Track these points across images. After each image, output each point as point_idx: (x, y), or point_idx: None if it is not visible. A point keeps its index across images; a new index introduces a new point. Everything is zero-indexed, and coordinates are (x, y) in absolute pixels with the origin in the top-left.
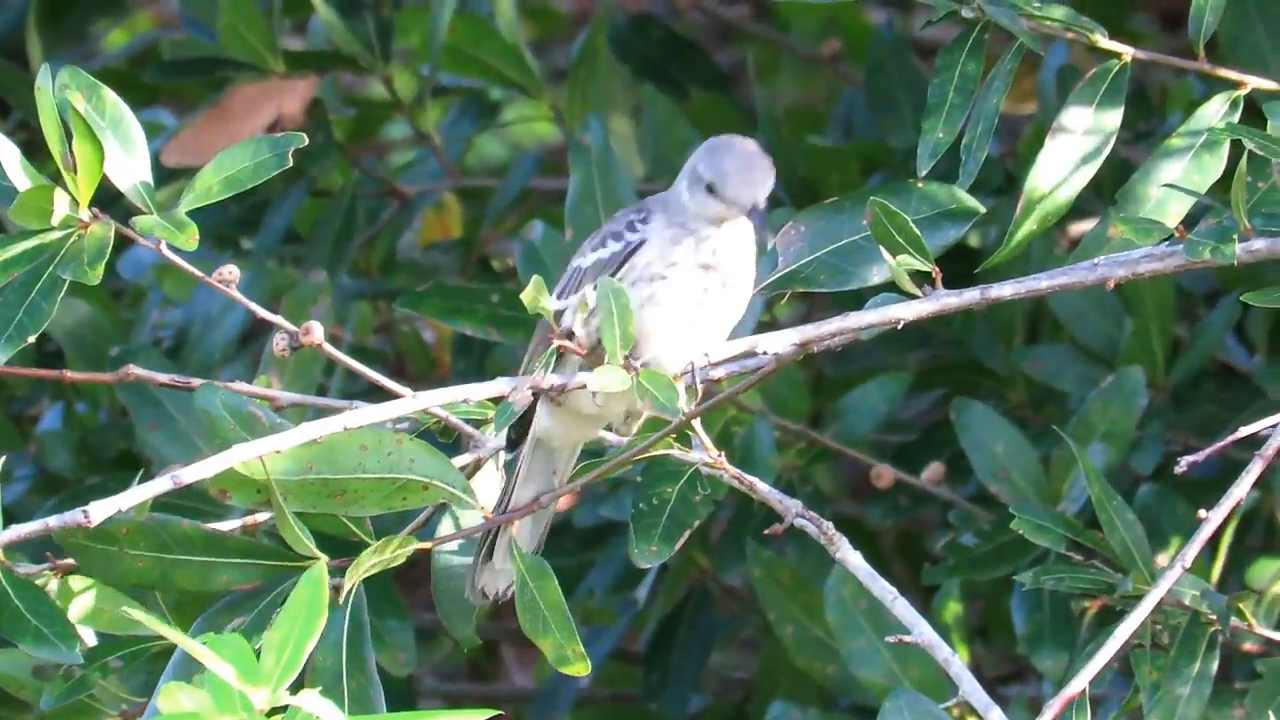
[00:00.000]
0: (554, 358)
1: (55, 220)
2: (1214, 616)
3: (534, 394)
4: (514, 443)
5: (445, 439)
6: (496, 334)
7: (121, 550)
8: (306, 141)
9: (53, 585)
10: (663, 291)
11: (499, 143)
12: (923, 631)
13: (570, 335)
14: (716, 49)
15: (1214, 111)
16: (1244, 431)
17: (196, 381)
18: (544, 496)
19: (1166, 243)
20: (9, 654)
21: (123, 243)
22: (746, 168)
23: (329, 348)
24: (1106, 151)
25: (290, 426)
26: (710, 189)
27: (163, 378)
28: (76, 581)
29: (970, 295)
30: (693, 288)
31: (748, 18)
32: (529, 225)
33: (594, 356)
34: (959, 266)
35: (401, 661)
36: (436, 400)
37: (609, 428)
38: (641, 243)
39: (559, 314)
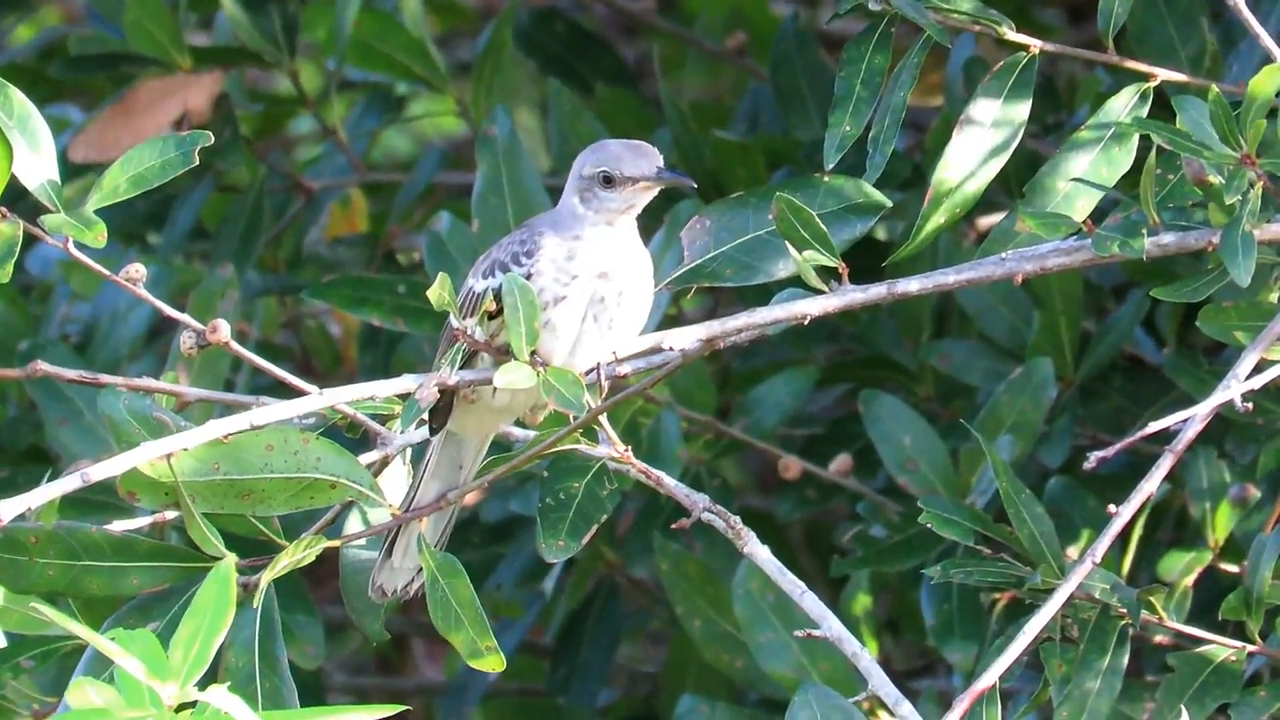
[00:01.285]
0: (460, 354)
1: None
2: (1124, 610)
3: (440, 391)
4: (435, 429)
5: (352, 434)
6: (404, 324)
7: (30, 559)
8: (213, 140)
9: None
10: (558, 316)
11: (405, 137)
12: (831, 626)
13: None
14: (622, 43)
15: (1123, 104)
16: (1154, 427)
17: (105, 378)
18: (450, 494)
19: (1075, 237)
20: None
21: (30, 239)
22: (632, 146)
23: (236, 345)
24: (1015, 144)
25: (195, 427)
26: (607, 180)
27: (71, 374)
28: None
29: (877, 291)
30: (587, 302)
31: (653, 11)
32: (435, 217)
33: (500, 353)
34: (866, 260)
35: (310, 654)
36: (343, 398)
37: (518, 421)
38: (529, 276)
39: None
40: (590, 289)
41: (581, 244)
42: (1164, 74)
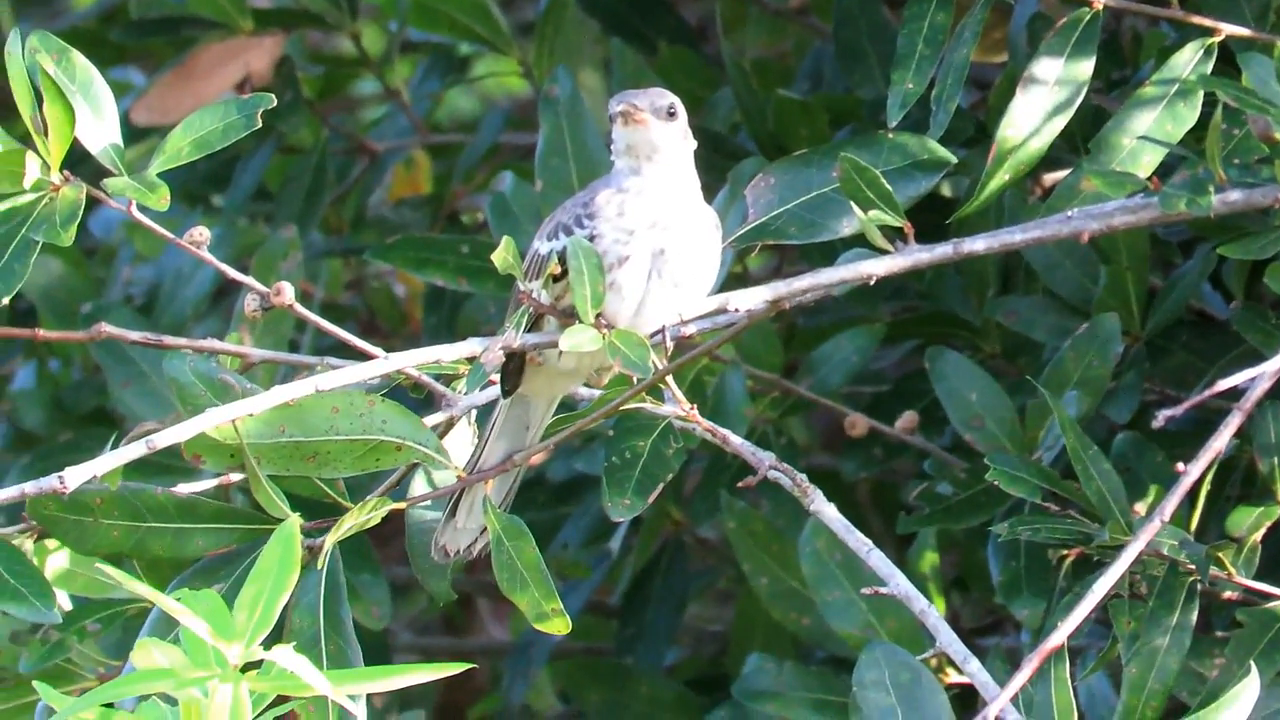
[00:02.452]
0: (525, 317)
1: (27, 183)
2: (1193, 566)
3: (508, 355)
4: (508, 392)
5: (417, 395)
6: (467, 285)
7: (96, 520)
8: (275, 103)
9: (28, 545)
10: (623, 277)
11: (468, 98)
12: (899, 583)
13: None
14: (684, 2)
15: (1187, 60)
16: (1222, 385)
17: (169, 339)
18: (516, 455)
19: (1140, 195)
20: None
21: (93, 201)
22: (632, 90)
23: (300, 308)
24: (1079, 101)
25: (261, 389)
26: (610, 120)
27: (135, 336)
28: (52, 543)
29: (943, 250)
30: (650, 258)
31: None
32: (498, 178)
33: (566, 315)
34: (931, 216)
35: (376, 615)
36: (409, 361)
37: (585, 382)
38: (592, 238)
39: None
40: (649, 243)
41: (628, 196)
42: (1228, 29)
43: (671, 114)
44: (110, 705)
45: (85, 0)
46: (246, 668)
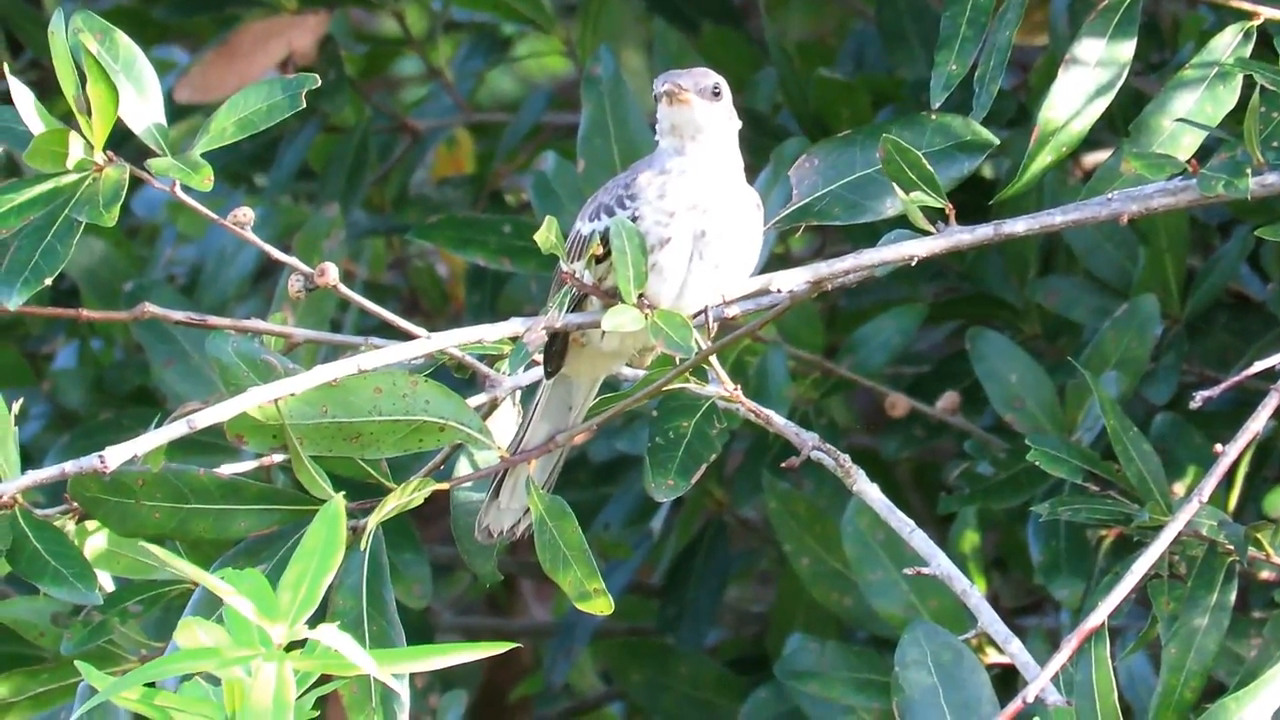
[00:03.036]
0: (568, 297)
1: (70, 163)
2: (1231, 547)
3: (551, 335)
4: (551, 373)
5: (460, 375)
6: (510, 264)
7: (138, 501)
8: (319, 83)
9: (70, 527)
10: (665, 258)
11: (510, 78)
12: (940, 563)
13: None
14: None
15: (1226, 43)
16: (1260, 366)
17: (212, 319)
18: (560, 435)
19: (1180, 177)
20: (27, 601)
21: (136, 181)
22: (677, 69)
23: (344, 288)
24: (1120, 83)
25: (303, 369)
26: (655, 100)
27: (178, 315)
28: (93, 524)
29: (984, 231)
30: (692, 240)
31: None
32: (541, 156)
33: (609, 295)
34: (972, 198)
35: (417, 594)
36: (452, 341)
37: (628, 363)
38: (634, 218)
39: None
40: (690, 225)
41: (669, 178)
42: (1268, 12)
43: (716, 94)
44: (152, 685)
45: None
46: (290, 647)
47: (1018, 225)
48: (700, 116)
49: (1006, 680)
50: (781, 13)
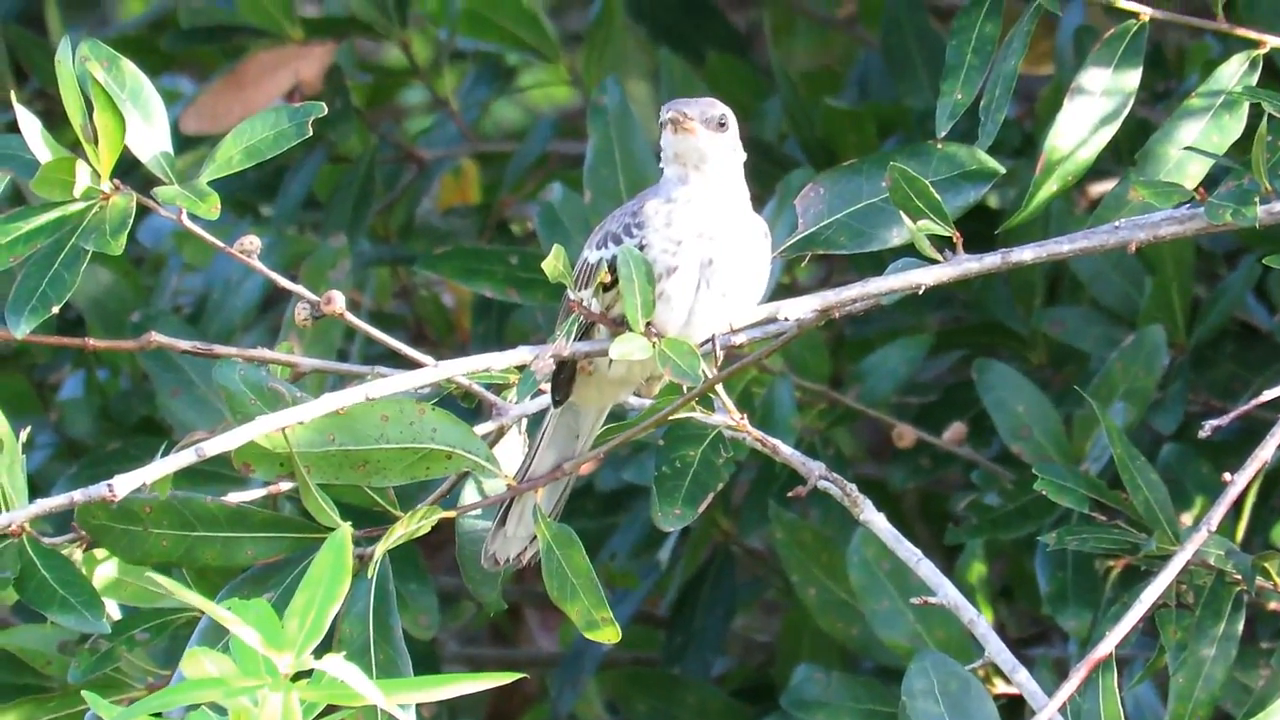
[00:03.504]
0: (575, 326)
1: (77, 192)
2: (1239, 576)
3: (559, 363)
4: (559, 402)
5: (467, 404)
6: (516, 295)
7: (145, 529)
8: (326, 111)
9: (77, 555)
10: (672, 287)
11: (515, 107)
12: (948, 593)
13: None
14: (732, 11)
15: (1232, 71)
16: (1268, 395)
17: (219, 348)
18: (566, 464)
19: (1187, 205)
20: (34, 629)
21: (143, 210)
22: (683, 99)
23: (350, 316)
24: (1125, 112)
25: (311, 398)
26: (661, 128)
27: (185, 345)
28: (101, 552)
29: (991, 260)
30: (699, 268)
31: None
32: (547, 187)
33: (616, 324)
34: (978, 226)
35: (423, 624)
36: (459, 370)
37: (635, 392)
38: (642, 247)
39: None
40: (697, 253)
41: (676, 206)
42: (1274, 41)
43: (722, 125)
44: (159, 715)
45: (134, 8)
46: (297, 677)
47: (1026, 253)
48: (705, 145)
49: (1014, 710)
50: (787, 41)
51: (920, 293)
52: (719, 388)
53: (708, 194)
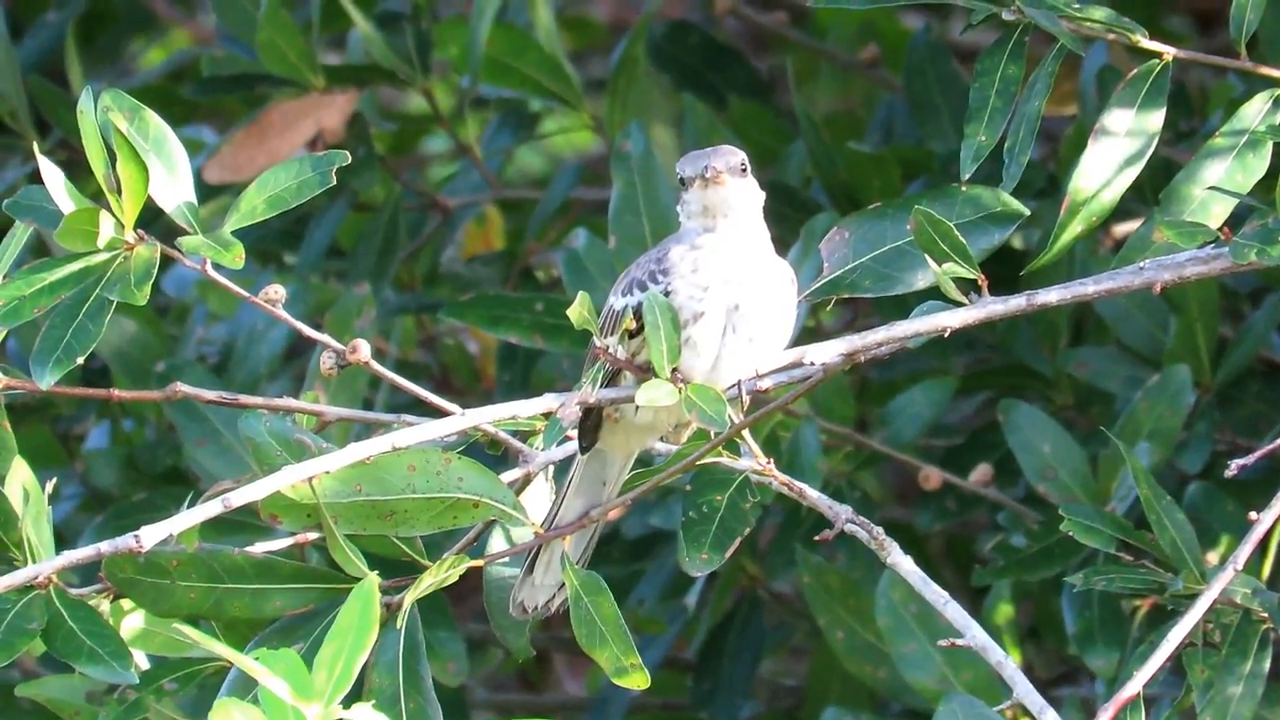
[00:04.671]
0: (601, 372)
1: (101, 242)
2: (1265, 615)
3: (585, 410)
4: (586, 448)
5: (493, 452)
6: (542, 342)
7: (173, 582)
8: (349, 159)
9: (105, 606)
10: (698, 333)
11: (538, 155)
12: (975, 635)
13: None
14: (754, 56)
15: (1256, 110)
16: None
17: (245, 398)
18: (594, 511)
19: (1212, 245)
20: (62, 680)
21: (167, 260)
22: (705, 150)
23: (376, 365)
24: (1150, 152)
25: (336, 448)
26: (682, 184)
27: (210, 395)
28: (128, 602)
29: (1016, 302)
30: (725, 313)
31: (785, 24)
32: (572, 234)
33: (642, 370)
34: (1002, 269)
35: (452, 672)
36: (486, 418)
37: (661, 438)
38: (668, 293)
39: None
40: (723, 299)
41: (702, 254)
42: None
43: (744, 170)
44: None
45: (155, 58)
46: None
47: (1051, 295)
48: (733, 195)
49: None
50: (810, 86)
51: (945, 335)
52: (745, 433)
53: (733, 240)
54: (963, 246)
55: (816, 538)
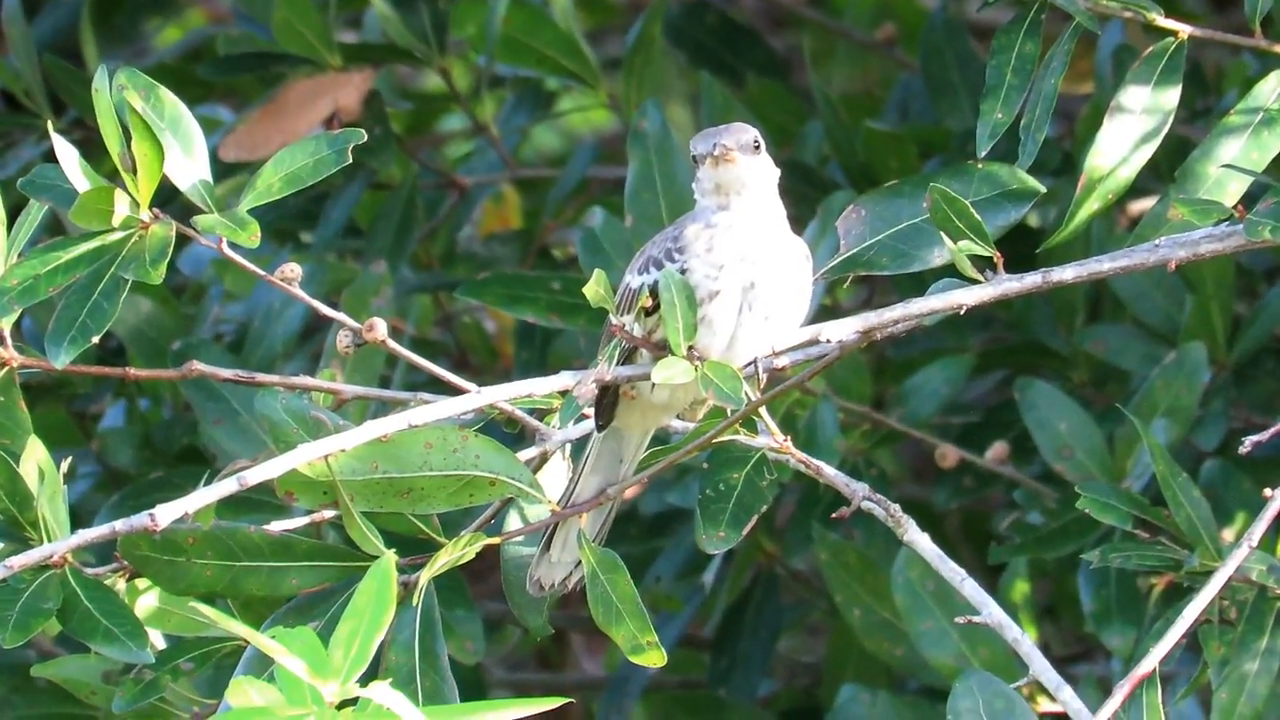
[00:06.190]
0: (618, 350)
1: (116, 221)
2: None
3: (601, 388)
4: (602, 426)
5: (510, 430)
6: (559, 321)
7: (189, 560)
8: (366, 138)
9: (120, 585)
10: (714, 311)
11: (554, 134)
12: (992, 612)
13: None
14: (771, 35)
15: (1271, 89)
16: None
17: (261, 376)
18: (610, 489)
19: (1227, 223)
20: (78, 659)
21: (183, 239)
22: (717, 128)
23: (393, 344)
24: (1165, 130)
25: (353, 425)
26: (695, 161)
27: (227, 373)
28: (144, 581)
29: (1032, 280)
30: (740, 292)
31: (802, 3)
32: (589, 212)
33: (658, 348)
34: (1018, 246)
35: (470, 650)
36: (502, 395)
37: (678, 416)
38: (684, 271)
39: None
40: (739, 277)
41: (716, 231)
42: None
43: (757, 147)
44: None
45: (171, 37)
46: (343, 705)
47: (1066, 273)
48: (745, 173)
49: None
50: (826, 65)
51: (962, 313)
52: (762, 410)
53: (748, 218)
54: (979, 224)
55: (834, 515)
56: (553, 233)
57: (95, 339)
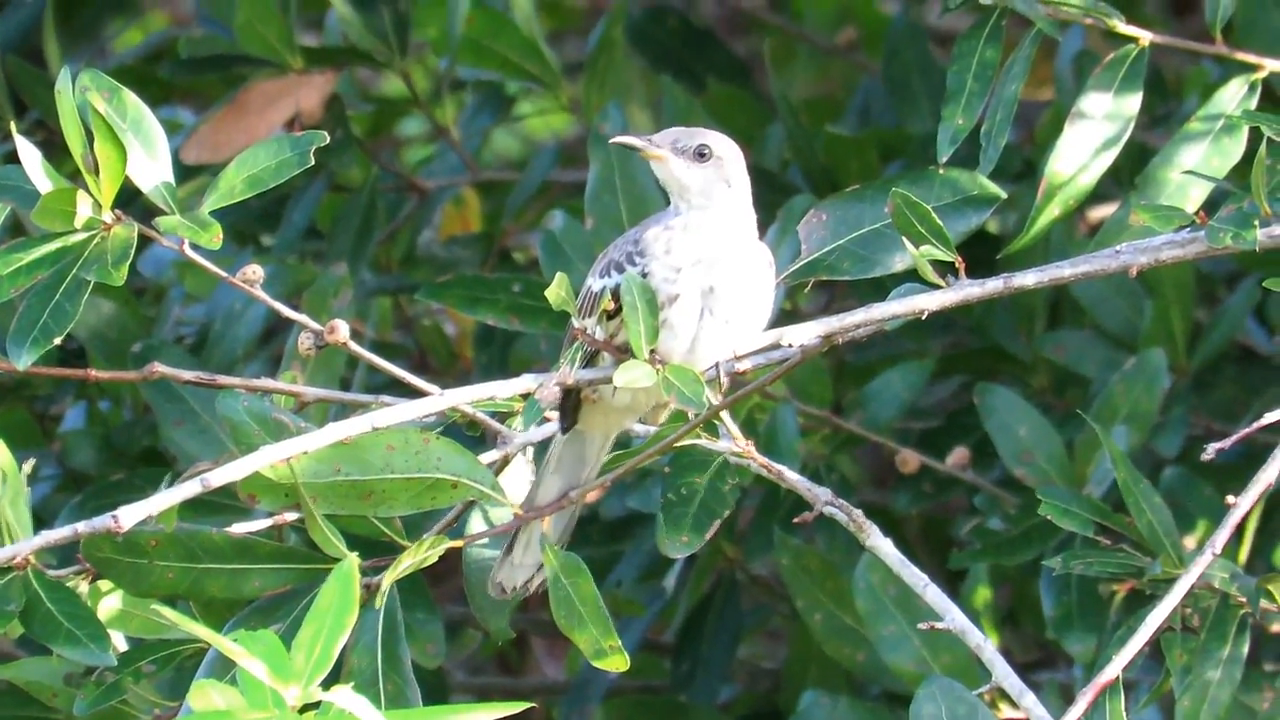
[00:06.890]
0: (580, 353)
1: (78, 223)
2: (1243, 599)
3: (564, 391)
4: (566, 429)
5: (472, 433)
6: (519, 323)
7: (151, 562)
8: (328, 140)
9: (83, 587)
10: (675, 314)
11: (513, 137)
12: (955, 618)
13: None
14: (732, 38)
15: (1232, 95)
16: (1269, 418)
17: (222, 378)
18: (573, 492)
19: (1188, 229)
20: (40, 662)
21: (144, 240)
22: (678, 129)
23: (354, 345)
24: (1126, 136)
25: (315, 427)
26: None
27: (188, 375)
28: (106, 584)
29: (993, 285)
30: (700, 295)
31: (763, 7)
32: (549, 215)
33: (620, 351)
34: (980, 251)
35: (431, 653)
36: (465, 398)
37: (640, 419)
38: (645, 275)
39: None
40: (698, 280)
41: (674, 234)
42: (1272, 64)
43: (701, 155)
44: None
45: (133, 39)
46: (305, 709)
47: (1028, 278)
48: (680, 174)
49: None
50: (788, 69)
51: (923, 318)
52: (724, 414)
53: (705, 222)
54: (940, 229)
55: (795, 520)
56: (513, 236)
57: (57, 340)
